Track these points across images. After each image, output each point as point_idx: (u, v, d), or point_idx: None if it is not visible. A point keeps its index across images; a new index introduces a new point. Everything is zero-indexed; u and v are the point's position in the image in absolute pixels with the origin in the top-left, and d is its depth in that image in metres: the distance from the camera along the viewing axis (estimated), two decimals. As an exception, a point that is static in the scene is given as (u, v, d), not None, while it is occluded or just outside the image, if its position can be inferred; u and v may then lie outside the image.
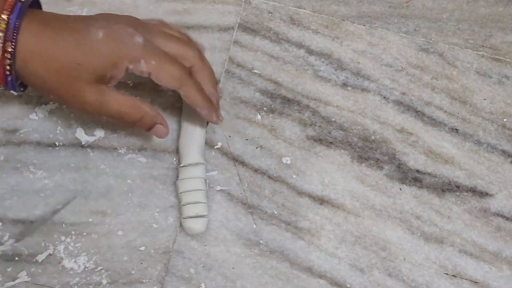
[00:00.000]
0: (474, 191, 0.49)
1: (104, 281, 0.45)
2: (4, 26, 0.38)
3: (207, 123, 0.50)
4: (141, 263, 0.46)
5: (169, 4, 0.55)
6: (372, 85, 0.53)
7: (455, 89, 0.53)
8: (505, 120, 0.52)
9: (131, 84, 0.50)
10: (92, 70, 0.40)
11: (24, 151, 0.48)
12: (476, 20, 0.56)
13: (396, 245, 0.47)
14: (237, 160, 0.49)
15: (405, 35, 0.55)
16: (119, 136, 0.49)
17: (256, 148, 0.50)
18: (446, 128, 0.51)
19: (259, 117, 0.51)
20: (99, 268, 0.45)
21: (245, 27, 0.54)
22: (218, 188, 0.48)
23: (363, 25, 0.55)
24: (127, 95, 0.43)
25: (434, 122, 0.51)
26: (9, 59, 0.38)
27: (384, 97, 0.52)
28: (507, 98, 0.53)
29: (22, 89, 0.42)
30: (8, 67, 0.39)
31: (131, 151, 0.49)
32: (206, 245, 0.46)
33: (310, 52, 0.54)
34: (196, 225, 0.45)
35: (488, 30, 0.55)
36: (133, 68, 0.41)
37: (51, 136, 0.49)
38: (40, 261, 0.45)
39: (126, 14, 0.54)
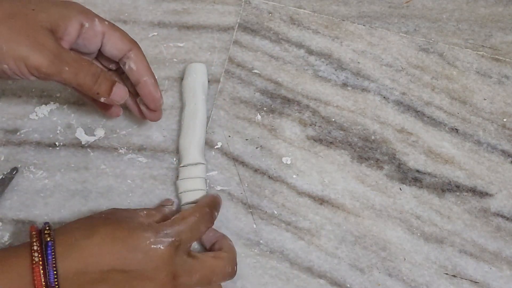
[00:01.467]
0: (474, 191, 0.49)
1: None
2: None
3: (207, 122, 0.50)
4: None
5: (169, 4, 0.55)
6: (372, 85, 0.53)
7: (455, 89, 0.53)
8: (505, 120, 0.52)
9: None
10: None
11: (24, 151, 0.48)
12: (476, 20, 0.56)
13: (396, 245, 0.47)
14: (237, 160, 0.49)
15: (405, 35, 0.55)
16: (119, 136, 0.49)
17: (256, 148, 0.50)
18: (446, 128, 0.51)
19: (259, 117, 0.51)
20: (99, 268, 0.45)
21: (245, 27, 0.54)
22: (218, 188, 0.48)
23: (363, 25, 0.55)
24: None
25: (434, 122, 0.51)
26: None
27: (384, 97, 0.52)
28: (507, 98, 0.53)
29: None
30: None
31: (131, 151, 0.49)
32: (206, 245, 0.46)
33: (310, 52, 0.54)
34: None
35: (488, 30, 0.55)
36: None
37: (51, 136, 0.49)
38: (40, 261, 0.45)
39: (126, 15, 0.54)
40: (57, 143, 0.49)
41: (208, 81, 0.51)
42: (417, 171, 0.50)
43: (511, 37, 0.55)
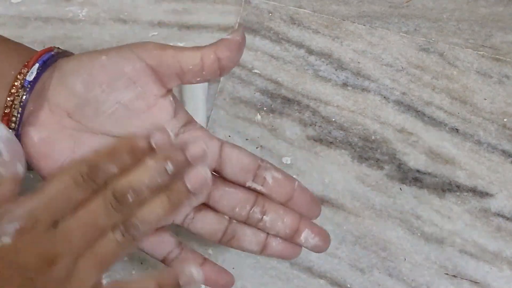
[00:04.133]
0: (474, 191, 0.49)
1: (104, 281, 0.45)
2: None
3: (207, 122, 0.50)
4: (141, 263, 0.46)
5: (169, 4, 0.55)
6: (372, 85, 0.53)
7: (455, 89, 0.53)
8: (505, 120, 0.52)
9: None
10: None
11: (24, 151, 0.48)
12: (476, 20, 0.56)
13: (396, 245, 0.47)
14: (237, 160, 0.49)
15: (405, 35, 0.55)
16: (119, 136, 0.49)
17: (256, 148, 0.50)
18: (447, 128, 0.51)
19: (259, 117, 0.51)
20: (99, 268, 0.45)
21: (245, 27, 0.54)
22: (218, 188, 0.48)
23: (363, 25, 0.55)
24: None
25: (434, 122, 0.51)
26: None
27: (384, 97, 0.52)
28: (508, 98, 0.53)
29: None
30: None
31: (131, 151, 0.49)
32: (206, 245, 0.46)
33: (310, 52, 0.54)
34: None
35: (488, 30, 0.55)
36: None
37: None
38: (40, 261, 0.45)
39: (126, 14, 0.54)
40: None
41: (208, 81, 0.51)
42: (418, 171, 0.50)
43: (511, 37, 0.55)
